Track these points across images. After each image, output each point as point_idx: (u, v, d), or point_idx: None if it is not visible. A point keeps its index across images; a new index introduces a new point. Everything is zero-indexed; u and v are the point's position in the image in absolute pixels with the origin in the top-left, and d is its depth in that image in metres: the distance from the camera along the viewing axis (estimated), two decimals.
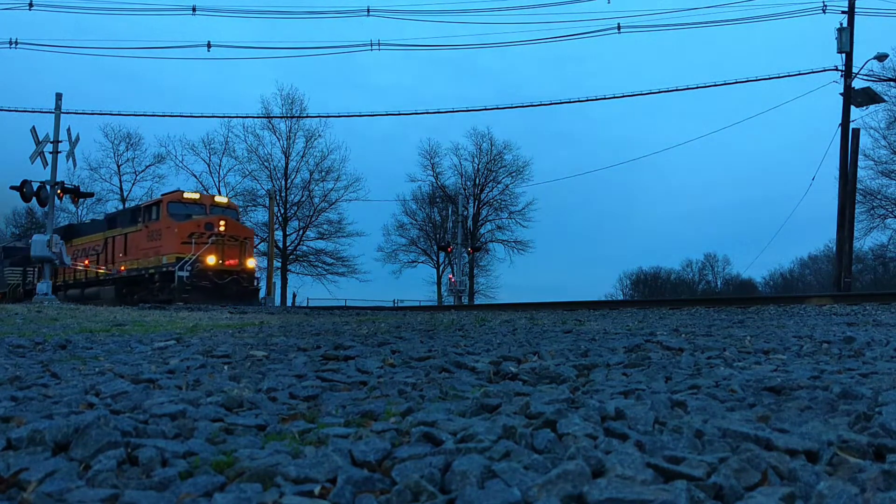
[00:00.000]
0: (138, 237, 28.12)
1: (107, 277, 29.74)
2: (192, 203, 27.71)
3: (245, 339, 5.18)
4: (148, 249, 27.32)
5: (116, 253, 29.47)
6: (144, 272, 27.25)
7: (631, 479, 1.38)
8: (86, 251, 31.89)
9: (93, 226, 33.90)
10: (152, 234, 27.20)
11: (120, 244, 29.52)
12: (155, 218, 27.30)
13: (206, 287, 25.45)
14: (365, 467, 1.56)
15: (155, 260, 26.83)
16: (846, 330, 5.27)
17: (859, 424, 1.88)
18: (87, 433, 1.68)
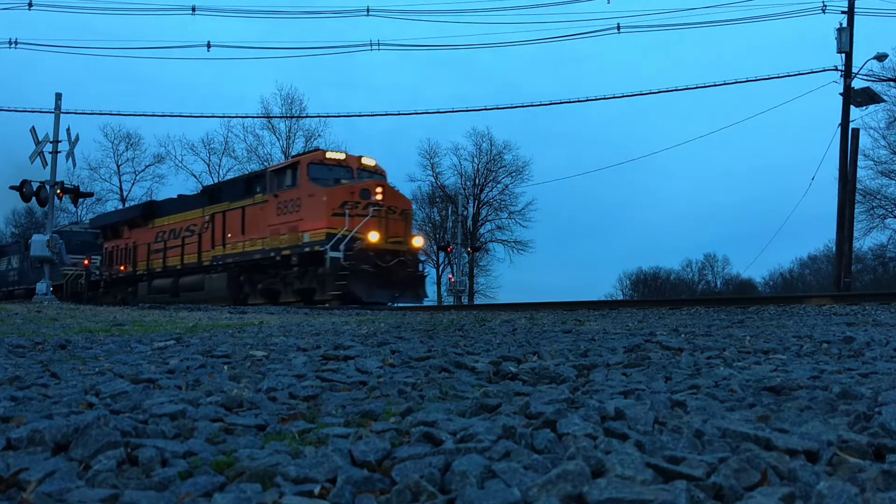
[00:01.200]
0: (262, 211, 22.03)
1: (214, 263, 23.79)
2: (337, 165, 21.53)
3: (245, 339, 5.18)
4: (278, 225, 21.27)
5: (228, 232, 23.29)
6: (274, 254, 21.28)
7: (631, 479, 1.38)
8: (175, 233, 26.15)
9: (184, 202, 27.54)
10: (285, 206, 21.15)
11: (234, 221, 23.17)
12: (290, 184, 21.21)
13: (366, 271, 19.33)
14: (365, 467, 1.56)
15: (290, 238, 20.78)
16: (846, 330, 5.27)
17: (859, 424, 1.88)
18: (87, 433, 1.68)
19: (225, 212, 23.77)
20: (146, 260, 27.45)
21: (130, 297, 27.63)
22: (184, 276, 25.36)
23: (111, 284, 29.75)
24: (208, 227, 24.38)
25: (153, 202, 29.53)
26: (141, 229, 28.05)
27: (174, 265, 26.02)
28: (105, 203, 55.94)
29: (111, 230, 30.66)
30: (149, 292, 26.54)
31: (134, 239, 28.57)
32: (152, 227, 27.44)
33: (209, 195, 25.16)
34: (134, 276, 28.17)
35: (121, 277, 29.00)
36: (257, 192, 22.44)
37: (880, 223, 43.83)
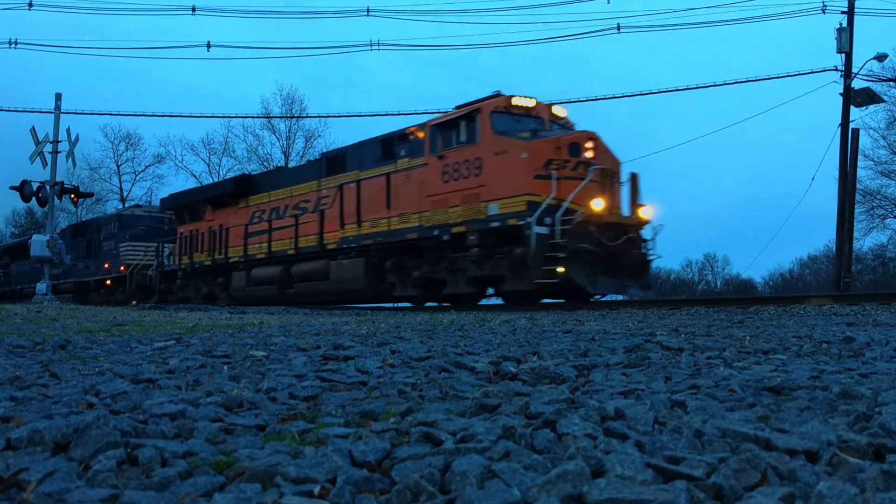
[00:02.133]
0: (415, 178, 16.78)
1: (345, 246, 18.58)
2: (525, 115, 15.86)
3: (245, 340, 5.18)
4: (445, 195, 15.88)
5: (365, 207, 18.14)
6: (439, 232, 15.83)
7: (631, 480, 1.38)
8: (280, 211, 21.22)
9: (291, 174, 22.52)
10: (456, 169, 15.83)
11: (372, 193, 17.91)
12: (463, 141, 15.80)
13: (589, 252, 13.92)
14: (365, 467, 1.56)
15: (466, 210, 15.40)
16: (846, 330, 5.27)
17: (859, 424, 1.88)
18: (87, 433, 1.69)
19: (358, 182, 18.42)
20: (242, 245, 22.20)
21: (219, 290, 23.27)
22: (298, 264, 19.97)
23: (192, 275, 24.62)
24: (332, 202, 19.14)
25: (247, 176, 24.38)
26: (231, 209, 23.04)
27: (283, 250, 20.63)
28: (105, 203, 55.93)
29: (189, 211, 25.47)
30: (247, 283, 21.53)
31: (221, 220, 23.40)
32: (246, 205, 22.48)
33: (328, 164, 19.97)
34: (225, 265, 22.85)
35: (206, 267, 23.79)
36: (402, 155, 17.36)
37: (880, 223, 43.76)
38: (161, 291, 26.06)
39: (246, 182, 23.63)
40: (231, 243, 22.92)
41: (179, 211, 26.31)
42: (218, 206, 23.89)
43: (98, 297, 30.61)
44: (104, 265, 30.67)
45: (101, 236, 31.56)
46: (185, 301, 24.20)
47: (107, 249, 30.80)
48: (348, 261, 18.43)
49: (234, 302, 21.47)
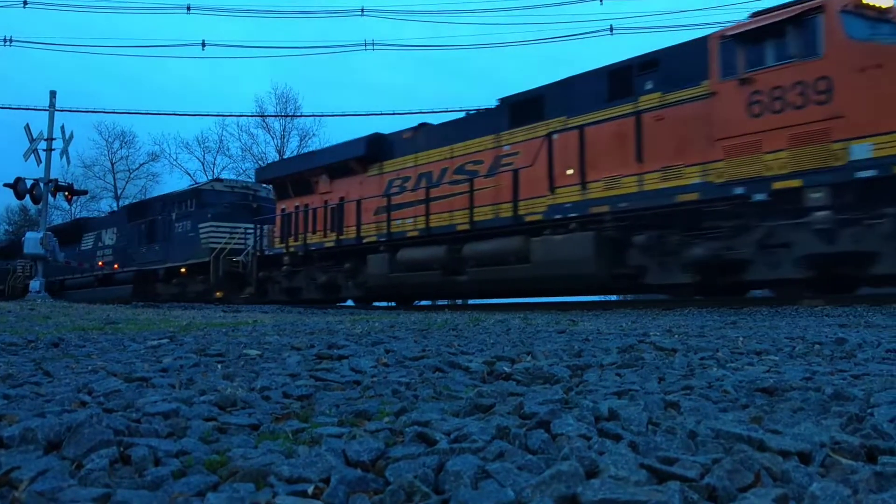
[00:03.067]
0: (685, 116, 12.15)
1: (559, 216, 13.75)
2: (880, 19, 11.23)
3: (239, 338, 5.18)
4: (755, 137, 11.17)
5: (593, 161, 13.40)
6: (747, 189, 11.17)
7: (625, 480, 1.38)
8: (434, 177, 16.62)
9: (450, 130, 16.82)
10: (777, 96, 11.00)
11: (606, 143, 13.20)
12: (793, 54, 10.98)
13: None
14: (358, 467, 1.56)
15: (799, 156, 10.64)
16: (838, 331, 5.29)
17: (851, 426, 1.88)
18: (80, 432, 1.68)
19: (581, 129, 13.39)
20: (380, 221, 17.64)
21: (344, 278, 18.75)
22: (472, 243, 15.28)
23: (303, 261, 20.07)
24: (532, 158, 14.25)
25: (378, 136, 18.71)
26: (356, 178, 18.66)
27: (448, 225, 15.87)
28: (99, 201, 55.76)
29: (295, 184, 20.86)
30: (391, 269, 16.98)
31: (342, 192, 19.16)
32: (380, 172, 18.11)
33: (512, 112, 15.05)
34: (355, 247, 18.27)
35: (325, 250, 19.26)
36: (648, 88, 12.73)
37: None
38: (259, 281, 21.32)
39: (378, 144, 18.47)
40: (363, 220, 18.26)
41: (281, 184, 21.46)
42: (337, 175, 19.40)
43: (167, 288, 26.25)
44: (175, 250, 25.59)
45: (171, 216, 26.23)
46: (293, 293, 20.24)
47: (181, 232, 25.40)
48: (565, 236, 13.45)
49: (370, 292, 18.21)
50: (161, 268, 26.43)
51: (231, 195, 25.83)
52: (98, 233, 31.81)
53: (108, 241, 30.87)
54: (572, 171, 13.72)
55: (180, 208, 26.20)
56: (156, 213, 27.53)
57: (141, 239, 27.92)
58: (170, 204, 27.01)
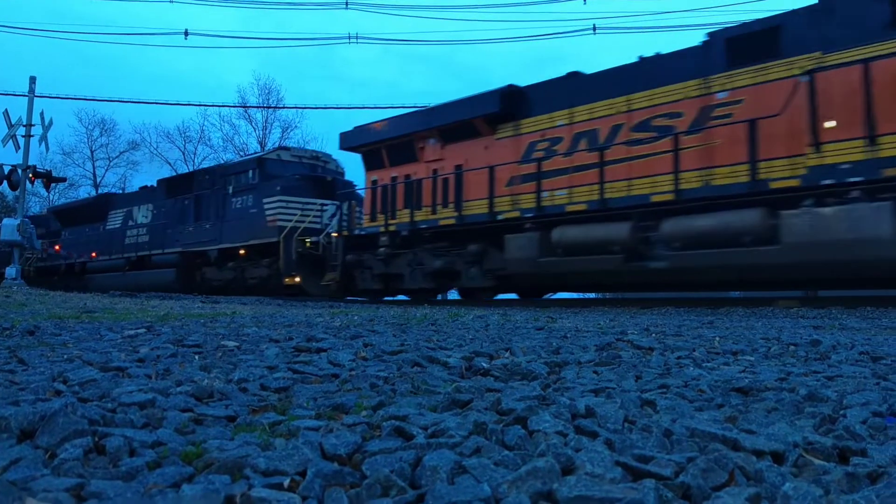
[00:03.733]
0: None
1: (828, 182, 10.19)
2: None
3: (217, 329, 5.15)
4: None
5: None
6: None
7: (600, 478, 1.39)
8: (599, 137, 13.38)
9: (618, 77, 13.39)
10: None
11: None
12: None
13: None
14: (335, 460, 1.56)
15: None
16: (813, 333, 5.34)
17: (824, 427, 1.90)
18: (54, 421, 1.67)
19: (865, 63, 10.16)
20: (530, 192, 14.04)
21: (466, 263, 15.14)
22: (679, 217, 11.76)
23: (407, 242, 16.42)
24: (782, 106, 10.87)
25: (514, 89, 14.93)
26: (481, 140, 15.32)
27: (639, 195, 12.47)
28: (78, 189, 55.20)
29: (392, 150, 17.55)
30: (541, 252, 13.41)
31: (459, 158, 15.80)
32: (515, 133, 14.73)
33: (729, 48, 11.78)
34: (485, 224, 14.67)
35: (439, 229, 15.63)
36: None
37: None
38: (346, 266, 17.73)
39: (515, 98, 14.85)
40: (496, 191, 14.74)
41: (373, 151, 18.02)
42: (453, 139, 16.06)
43: (220, 273, 22.65)
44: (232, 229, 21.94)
45: (227, 190, 22.56)
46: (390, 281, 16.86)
47: (239, 208, 21.85)
48: (843, 208, 9.96)
49: (510, 281, 14.93)
50: (213, 249, 22.78)
51: (299, 166, 22.08)
52: (128, 210, 28.00)
53: (142, 218, 27.06)
54: (844, 123, 10.29)
55: (238, 181, 22.26)
56: (204, 187, 23.69)
57: (185, 216, 24.21)
58: (224, 176, 22.97)
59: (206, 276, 23.20)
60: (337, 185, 21.05)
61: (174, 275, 23.84)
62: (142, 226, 26.93)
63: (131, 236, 27.32)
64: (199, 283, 23.16)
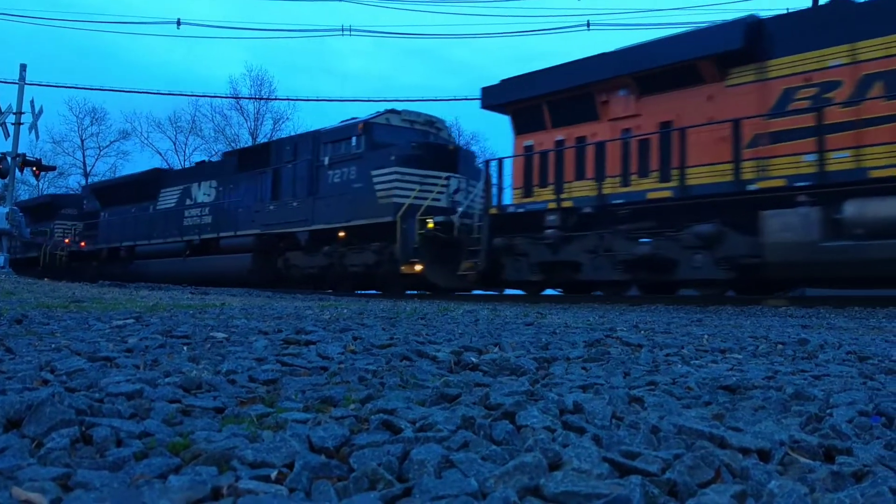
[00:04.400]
0: None
1: None
2: None
3: (206, 321, 5.14)
4: None
5: None
6: None
7: (587, 473, 1.39)
8: None
9: None
10: None
11: None
12: None
13: None
14: (323, 453, 1.56)
15: None
16: (801, 332, 5.37)
17: (811, 425, 1.92)
18: (41, 410, 1.66)
19: None
20: (796, 154, 10.90)
21: (687, 252, 11.94)
22: None
23: (583, 223, 13.26)
24: None
25: (757, 21, 11.72)
26: (701, 88, 12.11)
27: None
28: (67, 178, 54.90)
29: (556, 107, 14.16)
30: (824, 236, 10.29)
31: (670, 114, 12.50)
32: (760, 77, 11.47)
33: None
34: (729, 198, 11.38)
35: (646, 205, 12.44)
36: None
37: None
38: (493, 252, 14.46)
39: (759, 32, 11.54)
40: (743, 153, 11.36)
41: (529, 109, 14.48)
42: (656, 88, 12.68)
43: (311, 259, 19.12)
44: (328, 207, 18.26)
45: (322, 160, 18.86)
46: (559, 271, 13.75)
47: (338, 182, 18.19)
48: None
49: (754, 272, 11.37)
50: (302, 231, 19.15)
51: (411, 132, 18.31)
52: (185, 187, 24.33)
53: (204, 196, 23.27)
54: None
55: (337, 150, 18.53)
56: (286, 159, 20.14)
57: (263, 193, 20.60)
58: (317, 145, 19.22)
59: (291, 263, 19.74)
60: (460, 155, 17.69)
61: (250, 261, 20.47)
62: (203, 205, 23.27)
63: (191, 217, 23.59)
64: (281, 270, 19.89)
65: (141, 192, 26.25)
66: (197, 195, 23.72)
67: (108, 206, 28.20)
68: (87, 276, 26.00)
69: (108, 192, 28.72)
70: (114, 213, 27.70)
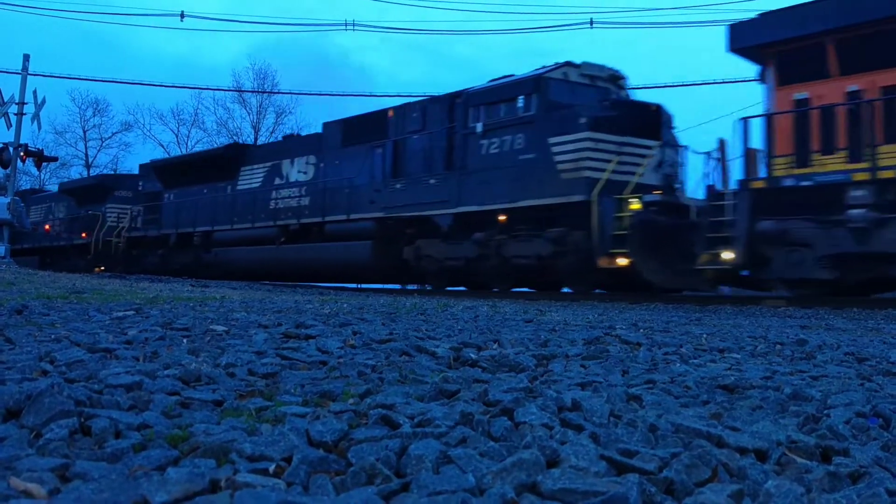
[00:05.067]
0: None
1: None
2: None
3: (206, 313, 5.14)
4: None
5: None
6: None
7: (584, 471, 1.40)
8: None
9: None
10: None
11: None
12: None
13: None
14: (321, 447, 1.56)
15: None
16: (799, 332, 5.37)
17: (808, 426, 1.92)
18: (40, 400, 1.66)
19: None
20: None
21: None
22: None
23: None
24: None
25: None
26: None
27: None
28: (69, 168, 54.83)
29: (847, 47, 10.49)
30: None
31: None
32: None
33: None
34: None
35: None
36: None
37: None
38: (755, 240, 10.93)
39: None
40: None
41: (803, 50, 10.97)
42: None
43: (454, 249, 15.44)
44: (481, 184, 14.64)
45: (467, 128, 15.18)
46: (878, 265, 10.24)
47: (497, 152, 14.54)
48: None
49: None
50: (443, 214, 15.57)
51: (594, 92, 14.47)
52: (274, 164, 20.60)
53: (299, 175, 19.67)
54: None
55: (495, 114, 14.75)
56: (410, 128, 16.55)
57: (383, 168, 16.94)
58: (459, 109, 15.53)
59: (424, 253, 16.04)
60: (663, 118, 13.87)
61: (369, 250, 16.94)
62: (298, 184, 19.57)
63: (283, 198, 19.96)
64: (410, 262, 16.42)
65: (216, 170, 22.35)
66: (289, 173, 19.88)
67: (172, 187, 24.34)
68: (151, 265, 23.22)
69: (174, 171, 24.72)
70: (181, 194, 23.74)
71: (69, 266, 25.57)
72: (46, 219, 32.29)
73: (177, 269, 21.94)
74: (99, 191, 28.63)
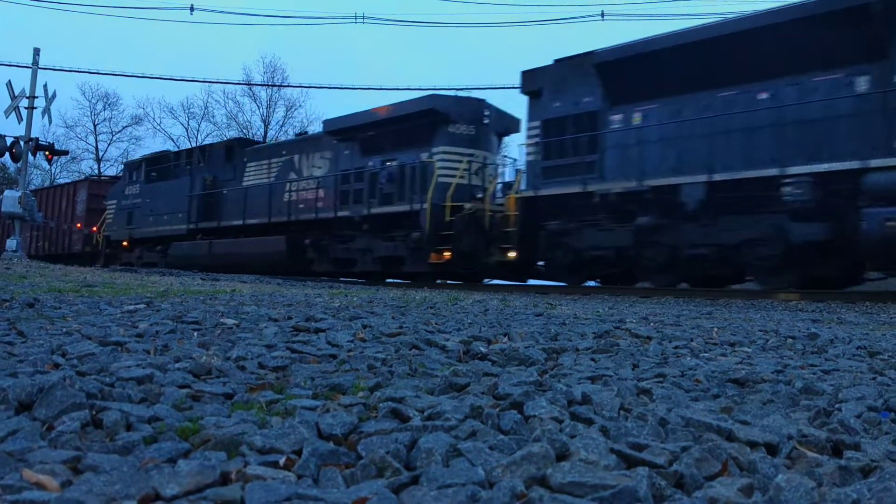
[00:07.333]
0: None
1: None
2: None
3: (216, 307, 5.16)
4: None
5: None
6: None
7: (594, 464, 1.40)
8: None
9: None
10: None
11: None
12: None
13: None
14: (331, 440, 1.56)
15: None
16: (811, 326, 5.35)
17: (819, 420, 1.91)
18: (52, 393, 1.67)
19: None
20: None
21: None
22: None
23: None
24: None
25: None
26: None
27: None
28: (80, 162, 55.05)
29: None
30: None
31: None
32: None
33: None
34: None
35: None
36: None
37: None
38: None
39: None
40: None
41: None
42: None
43: None
44: None
45: None
46: None
47: None
48: None
49: None
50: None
51: None
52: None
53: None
54: None
55: None
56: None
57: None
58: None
59: None
60: None
61: None
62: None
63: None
64: None
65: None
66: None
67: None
68: None
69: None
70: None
71: None
72: None
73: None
74: None
